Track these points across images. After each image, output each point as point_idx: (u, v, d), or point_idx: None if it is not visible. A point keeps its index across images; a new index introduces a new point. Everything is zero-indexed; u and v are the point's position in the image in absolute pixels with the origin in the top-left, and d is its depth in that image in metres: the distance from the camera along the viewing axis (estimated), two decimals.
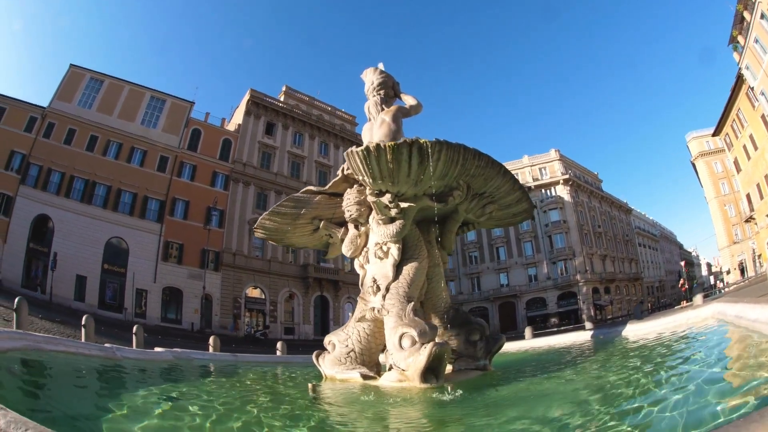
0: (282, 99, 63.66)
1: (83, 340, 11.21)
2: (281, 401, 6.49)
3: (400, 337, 7.25)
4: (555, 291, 69.79)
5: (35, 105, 45.31)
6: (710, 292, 48.35)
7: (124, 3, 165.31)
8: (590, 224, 75.79)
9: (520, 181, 9.69)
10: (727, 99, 51.77)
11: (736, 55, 46.27)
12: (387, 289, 8.68)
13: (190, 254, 48.43)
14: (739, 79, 47.01)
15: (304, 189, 10.48)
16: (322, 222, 10.40)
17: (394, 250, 8.95)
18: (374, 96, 11.05)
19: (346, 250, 10.05)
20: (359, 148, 7.43)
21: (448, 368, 8.76)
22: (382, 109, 10.75)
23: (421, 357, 6.77)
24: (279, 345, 18.36)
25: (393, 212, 8.57)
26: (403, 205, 8.50)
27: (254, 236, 12.15)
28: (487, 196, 9.16)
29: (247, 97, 58.58)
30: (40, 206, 41.61)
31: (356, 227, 9.86)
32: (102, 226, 44.09)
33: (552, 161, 76.95)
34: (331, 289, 56.19)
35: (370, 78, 11.30)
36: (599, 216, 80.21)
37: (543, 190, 75.68)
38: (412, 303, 7.88)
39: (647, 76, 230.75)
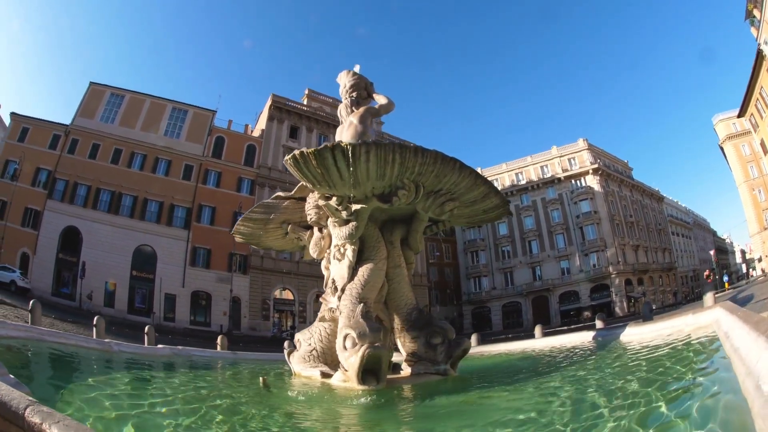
0: (305, 102, 64.23)
1: (94, 337, 11.70)
2: (236, 390, 7.41)
3: (344, 338, 7.33)
4: (588, 284, 68.18)
5: (58, 123, 47.73)
6: (744, 281, 46.96)
7: (141, 17, 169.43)
8: (621, 214, 73.60)
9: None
10: (749, 77, 48.95)
11: (753, 30, 43.81)
12: (342, 290, 8.75)
13: (217, 258, 49.72)
14: (759, 56, 44.33)
15: (275, 195, 10.74)
16: (290, 225, 10.61)
17: (350, 252, 8.99)
18: (346, 98, 11.18)
19: (312, 251, 10.24)
20: (289, 156, 7.50)
21: (407, 371, 8.80)
22: (352, 111, 10.87)
23: (355, 358, 6.89)
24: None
25: (344, 215, 8.56)
26: (355, 207, 8.48)
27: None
28: (444, 193, 8.76)
29: (269, 102, 59.43)
30: (67, 218, 43.78)
31: (320, 230, 9.97)
32: (130, 235, 45.84)
33: (581, 151, 75.10)
34: None
35: (343, 81, 11.43)
36: (630, 205, 77.75)
37: (573, 181, 73.98)
38: (362, 305, 7.84)
39: (673, 59, 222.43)
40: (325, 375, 8.32)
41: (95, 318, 13.21)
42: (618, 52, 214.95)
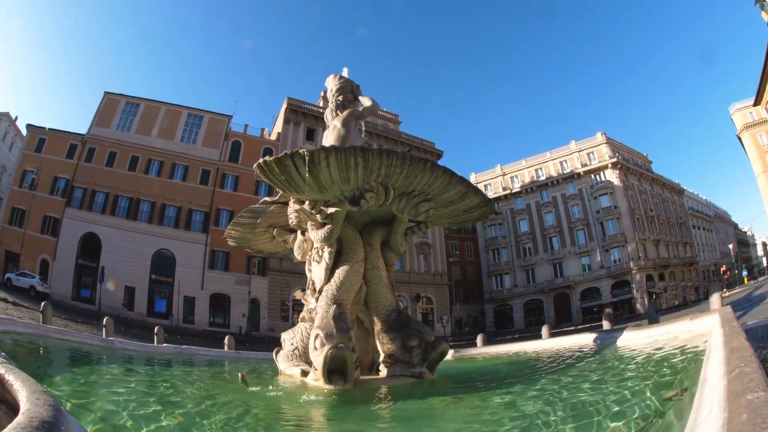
0: (321, 104, 64.49)
1: (103, 336, 12.16)
2: (217, 385, 7.87)
3: (315, 338, 7.48)
4: (609, 280, 67.23)
5: (74, 133, 48.99)
6: (764, 276, 45.91)
7: (155, 25, 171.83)
8: (642, 208, 72.19)
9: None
10: (763, 65, 46.95)
11: (764, 15, 42.18)
12: (320, 292, 8.89)
13: (236, 261, 50.26)
14: None
15: (262, 200, 10.93)
16: (275, 229, 10.80)
17: (326, 254, 9.11)
18: (332, 102, 11.37)
19: (296, 254, 10.43)
20: (255, 164, 7.65)
21: (383, 372, 8.84)
22: (337, 115, 11.05)
23: (321, 358, 7.06)
24: None
25: (318, 218, 8.65)
26: (330, 210, 8.63)
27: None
28: (417, 194, 8.61)
29: (285, 105, 60.00)
30: (86, 225, 45.08)
31: (302, 233, 10.13)
32: (148, 240, 46.86)
33: (599, 145, 73.82)
34: None
35: (331, 84, 11.61)
36: (651, 199, 76.12)
37: (592, 176, 72.90)
38: (335, 306, 7.96)
39: (689, 50, 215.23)
40: (304, 373, 8.48)
41: (104, 318, 13.65)
42: (634, 45, 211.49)
